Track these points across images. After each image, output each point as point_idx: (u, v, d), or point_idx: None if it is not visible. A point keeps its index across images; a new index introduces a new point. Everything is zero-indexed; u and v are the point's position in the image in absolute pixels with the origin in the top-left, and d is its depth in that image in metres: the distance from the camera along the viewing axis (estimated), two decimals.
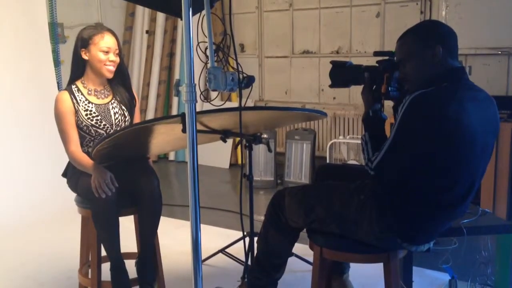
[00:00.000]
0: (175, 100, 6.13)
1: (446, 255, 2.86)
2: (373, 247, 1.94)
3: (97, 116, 2.48)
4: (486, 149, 1.86)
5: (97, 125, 2.47)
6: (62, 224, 3.82)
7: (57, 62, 5.11)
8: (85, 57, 2.46)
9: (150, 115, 6.10)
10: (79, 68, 2.50)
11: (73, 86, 2.50)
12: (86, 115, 2.46)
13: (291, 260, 2.65)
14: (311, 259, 2.19)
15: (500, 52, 4.31)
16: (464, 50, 4.43)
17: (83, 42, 2.45)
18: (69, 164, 2.53)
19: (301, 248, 2.83)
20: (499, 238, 2.49)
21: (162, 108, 6.18)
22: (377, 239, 1.90)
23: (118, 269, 2.34)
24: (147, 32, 6.17)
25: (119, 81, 2.57)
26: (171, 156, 6.24)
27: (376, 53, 2.06)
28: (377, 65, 2.03)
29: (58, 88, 4.74)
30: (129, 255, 2.57)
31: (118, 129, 2.49)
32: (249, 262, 2.53)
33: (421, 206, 1.83)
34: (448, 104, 1.74)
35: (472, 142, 1.78)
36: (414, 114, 1.75)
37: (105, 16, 5.93)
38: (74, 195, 2.54)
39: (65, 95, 2.45)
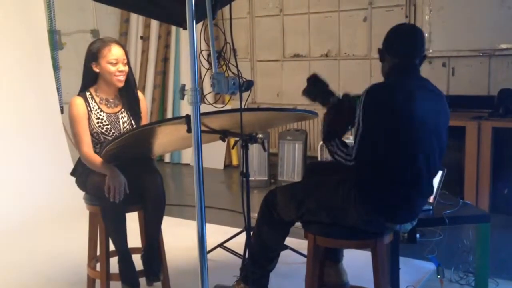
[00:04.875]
0: (169, 104, 6.29)
1: (431, 246, 3.06)
2: (362, 232, 2.14)
3: (107, 124, 2.60)
4: (438, 130, 2.13)
5: (106, 133, 2.60)
6: (67, 222, 3.96)
7: (56, 68, 5.24)
8: (96, 70, 2.57)
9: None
10: (90, 79, 2.62)
11: (87, 93, 2.62)
12: (98, 123, 2.59)
13: (287, 253, 2.82)
14: (305, 252, 2.37)
15: (481, 54, 4.51)
16: (447, 52, 4.64)
17: (93, 56, 2.56)
18: (77, 163, 2.67)
19: (296, 242, 3.01)
20: (478, 227, 2.66)
21: (157, 112, 6.33)
22: (364, 222, 2.11)
23: (126, 261, 2.49)
24: (141, 37, 6.32)
25: (128, 90, 2.67)
26: (167, 158, 6.39)
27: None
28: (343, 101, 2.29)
29: (58, 93, 4.90)
30: (134, 250, 2.70)
31: None
32: (246, 255, 2.71)
33: (393, 185, 2.09)
34: (397, 92, 2.07)
35: (423, 124, 2.06)
36: (371, 103, 2.05)
37: (100, 23, 6.03)
38: (77, 193, 2.68)
39: (80, 100, 2.57)
